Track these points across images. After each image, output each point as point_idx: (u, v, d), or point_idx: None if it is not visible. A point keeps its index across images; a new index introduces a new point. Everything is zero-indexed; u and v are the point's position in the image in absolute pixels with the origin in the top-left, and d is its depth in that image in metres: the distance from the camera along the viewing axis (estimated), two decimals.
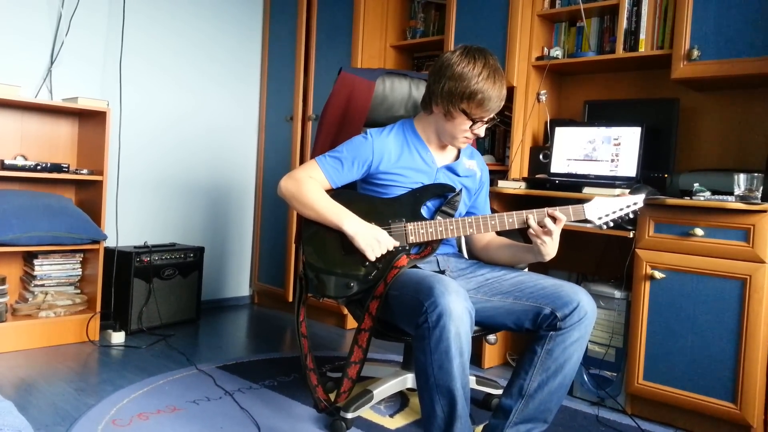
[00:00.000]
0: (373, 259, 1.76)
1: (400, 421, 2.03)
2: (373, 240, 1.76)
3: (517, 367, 1.73)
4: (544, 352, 1.67)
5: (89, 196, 2.85)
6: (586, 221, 1.76)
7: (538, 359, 1.67)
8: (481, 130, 1.83)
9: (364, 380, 2.20)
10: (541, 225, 1.70)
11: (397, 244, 1.78)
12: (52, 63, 2.86)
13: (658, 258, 2.11)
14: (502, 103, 1.79)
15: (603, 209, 1.73)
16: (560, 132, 2.59)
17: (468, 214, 2.00)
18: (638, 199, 1.75)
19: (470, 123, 1.79)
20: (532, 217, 1.72)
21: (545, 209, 1.72)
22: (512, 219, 1.74)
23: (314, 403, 1.91)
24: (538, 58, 2.73)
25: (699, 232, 2.02)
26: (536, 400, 1.68)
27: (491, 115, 1.80)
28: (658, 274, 2.10)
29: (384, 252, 1.76)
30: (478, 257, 2.02)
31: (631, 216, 1.75)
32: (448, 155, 1.96)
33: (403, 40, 3.34)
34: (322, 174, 1.86)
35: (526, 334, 1.75)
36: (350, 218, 1.80)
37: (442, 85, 1.77)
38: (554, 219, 1.69)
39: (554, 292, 1.70)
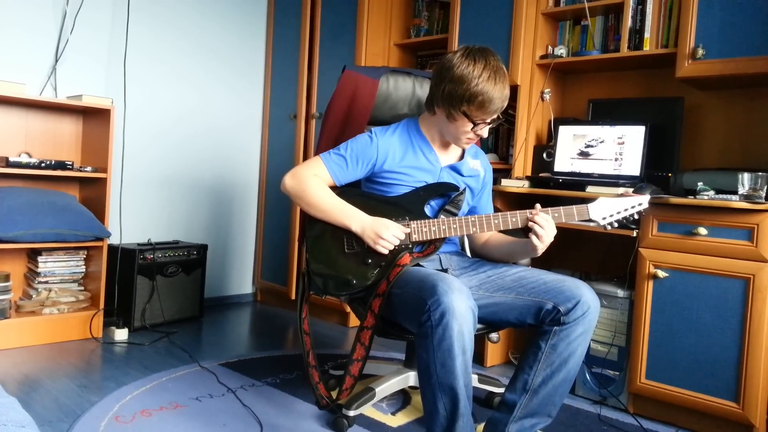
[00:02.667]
0: (386, 253, 1.76)
1: (402, 419, 2.03)
2: (381, 235, 1.76)
3: (521, 363, 1.73)
4: (548, 347, 1.67)
5: (93, 193, 2.86)
6: (590, 221, 1.75)
7: (543, 354, 1.67)
8: (483, 131, 1.82)
9: (366, 378, 2.21)
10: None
11: (407, 230, 1.78)
12: (56, 60, 2.86)
13: (662, 257, 2.11)
14: (505, 103, 1.77)
15: (608, 209, 1.72)
16: (564, 131, 2.58)
17: (470, 213, 2.00)
18: (644, 200, 1.73)
19: (472, 125, 1.78)
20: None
21: (548, 209, 1.72)
22: (515, 218, 1.74)
23: (316, 401, 1.91)
24: (542, 57, 2.72)
25: (703, 231, 2.01)
26: (540, 395, 1.68)
27: (493, 116, 1.79)
28: (661, 273, 2.10)
29: (396, 243, 1.76)
30: (479, 255, 2.02)
31: (636, 216, 1.74)
32: (453, 155, 1.96)
33: (407, 38, 3.33)
34: (327, 172, 1.87)
35: (529, 329, 1.75)
36: (357, 216, 1.81)
37: (442, 87, 1.76)
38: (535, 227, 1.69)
39: (556, 287, 1.70)
